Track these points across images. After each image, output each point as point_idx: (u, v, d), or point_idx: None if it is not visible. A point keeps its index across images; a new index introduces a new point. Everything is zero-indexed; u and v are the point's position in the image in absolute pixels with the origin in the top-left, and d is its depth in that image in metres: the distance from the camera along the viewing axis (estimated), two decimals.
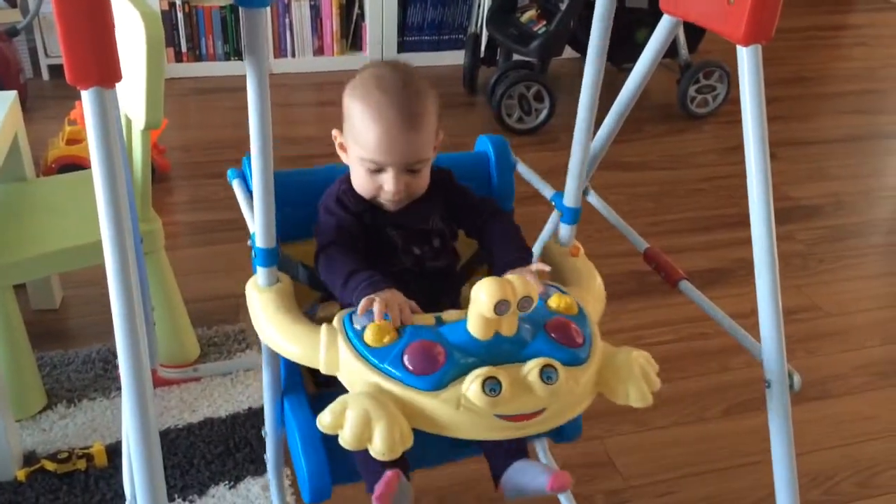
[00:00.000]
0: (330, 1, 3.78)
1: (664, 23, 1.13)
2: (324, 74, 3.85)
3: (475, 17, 3.64)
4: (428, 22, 3.96)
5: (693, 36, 3.45)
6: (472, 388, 0.88)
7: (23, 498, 1.61)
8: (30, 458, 1.70)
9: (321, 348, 0.97)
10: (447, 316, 0.98)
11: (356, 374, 0.93)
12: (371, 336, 0.93)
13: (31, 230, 1.79)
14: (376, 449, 0.87)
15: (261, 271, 1.04)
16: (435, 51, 4.00)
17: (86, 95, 0.77)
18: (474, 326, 0.92)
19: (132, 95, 1.59)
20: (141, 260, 1.69)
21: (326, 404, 0.89)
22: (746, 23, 0.94)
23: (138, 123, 1.61)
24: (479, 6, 3.60)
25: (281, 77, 3.75)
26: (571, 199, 1.23)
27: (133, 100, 1.59)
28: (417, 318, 0.98)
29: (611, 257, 1.79)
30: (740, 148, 1.01)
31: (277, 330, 1.02)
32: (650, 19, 3.16)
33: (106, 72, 0.76)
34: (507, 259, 1.12)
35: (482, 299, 0.88)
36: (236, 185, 1.18)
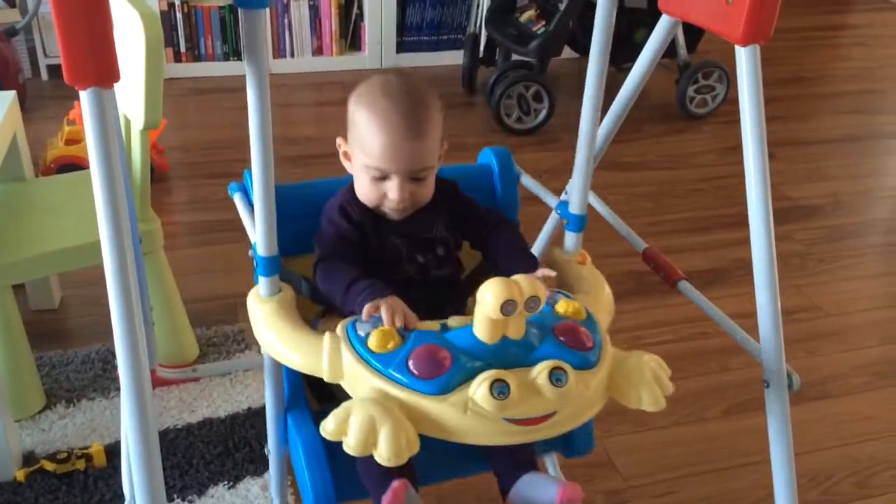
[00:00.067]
0: (329, 1, 3.78)
1: (663, 23, 1.13)
2: (323, 74, 3.84)
3: (474, 18, 3.64)
4: (427, 22, 3.96)
5: (692, 36, 3.45)
6: (480, 391, 0.86)
7: (22, 498, 1.61)
8: (29, 459, 1.70)
9: (324, 356, 0.95)
10: (452, 321, 0.96)
11: (361, 381, 0.91)
12: (375, 342, 0.92)
13: (30, 230, 1.79)
14: (382, 454, 0.84)
15: (262, 281, 1.03)
16: (434, 51, 4.00)
17: (84, 95, 0.77)
18: (481, 330, 0.90)
19: (131, 95, 1.59)
20: (140, 260, 1.68)
21: None
22: (745, 23, 0.94)
23: (137, 123, 1.61)
24: (478, 6, 3.60)
25: (280, 77, 3.74)
26: (577, 207, 1.21)
27: (132, 100, 1.59)
28: (422, 324, 0.96)
29: (610, 257, 1.78)
30: (739, 148, 1.01)
31: (279, 339, 1.00)
32: (649, 19, 3.17)
33: (104, 72, 0.77)
34: (513, 269, 1.10)
35: (488, 300, 0.86)
36: (237, 199, 1.17)
